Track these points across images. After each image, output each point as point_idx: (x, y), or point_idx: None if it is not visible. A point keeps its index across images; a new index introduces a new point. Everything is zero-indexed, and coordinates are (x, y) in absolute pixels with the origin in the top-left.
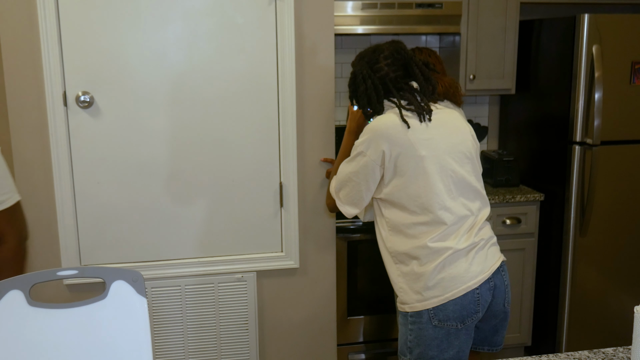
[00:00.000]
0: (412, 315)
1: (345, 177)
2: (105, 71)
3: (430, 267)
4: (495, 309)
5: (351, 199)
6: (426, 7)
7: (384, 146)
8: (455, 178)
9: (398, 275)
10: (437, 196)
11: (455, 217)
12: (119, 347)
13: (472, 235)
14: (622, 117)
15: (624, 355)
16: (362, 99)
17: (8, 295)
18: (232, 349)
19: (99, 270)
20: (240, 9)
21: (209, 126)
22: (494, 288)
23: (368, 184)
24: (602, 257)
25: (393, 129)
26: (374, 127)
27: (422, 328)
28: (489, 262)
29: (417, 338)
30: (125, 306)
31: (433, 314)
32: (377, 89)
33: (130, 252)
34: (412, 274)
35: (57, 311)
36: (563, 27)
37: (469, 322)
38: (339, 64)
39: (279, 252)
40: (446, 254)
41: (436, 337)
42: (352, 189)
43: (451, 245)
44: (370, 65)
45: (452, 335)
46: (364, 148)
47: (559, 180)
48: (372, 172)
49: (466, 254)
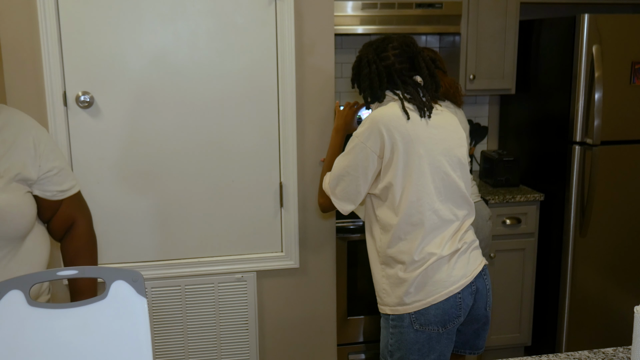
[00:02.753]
0: (393, 319)
1: (342, 171)
2: (105, 71)
3: (413, 275)
4: (476, 312)
5: (348, 194)
6: (426, 7)
7: (385, 136)
8: (447, 181)
9: (382, 276)
10: (427, 196)
11: (441, 221)
12: (119, 347)
13: (456, 240)
14: (622, 117)
15: (624, 355)
16: (364, 82)
17: (8, 295)
18: (232, 349)
19: (99, 270)
20: (240, 9)
21: (209, 126)
22: (476, 292)
23: (366, 176)
24: (602, 257)
25: (395, 120)
26: (375, 116)
27: (403, 332)
28: (471, 266)
29: (398, 342)
30: (125, 306)
31: (415, 318)
32: (381, 76)
33: (130, 252)
34: (396, 278)
35: (57, 311)
36: (563, 27)
37: (451, 327)
38: (339, 64)
39: (279, 252)
40: (430, 260)
41: (417, 342)
42: (350, 184)
43: (435, 251)
44: (377, 52)
45: (433, 339)
46: (363, 138)
47: (559, 180)
48: (371, 164)
49: (449, 259)
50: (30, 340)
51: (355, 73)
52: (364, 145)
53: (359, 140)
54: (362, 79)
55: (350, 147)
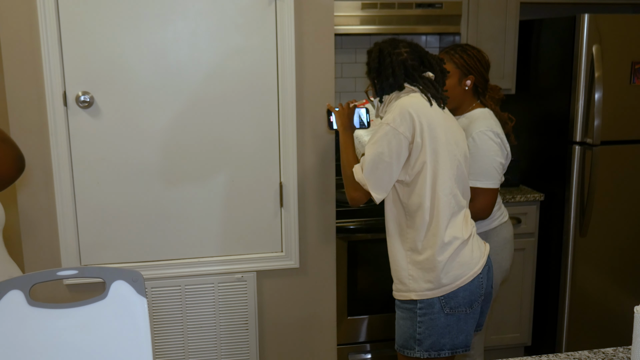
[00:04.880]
0: (421, 307)
1: (376, 158)
2: (105, 71)
3: (444, 257)
4: (486, 290)
5: (382, 182)
6: (426, 7)
7: (415, 121)
8: (460, 170)
9: (408, 262)
10: (450, 180)
11: (458, 206)
12: (119, 347)
13: (468, 224)
14: (622, 117)
15: (624, 355)
16: (386, 70)
17: (8, 295)
18: (232, 349)
19: (99, 270)
20: (240, 9)
21: (209, 126)
22: (488, 270)
23: (399, 162)
24: (602, 257)
25: (422, 107)
26: (404, 103)
27: (434, 318)
28: (482, 247)
29: (429, 329)
30: (125, 306)
31: (445, 303)
32: (402, 66)
33: (130, 252)
34: (426, 263)
35: (57, 311)
36: (563, 27)
37: (476, 306)
38: (339, 64)
39: (279, 252)
40: (455, 243)
41: (448, 325)
42: (384, 171)
43: (458, 234)
44: (392, 47)
45: (461, 320)
46: (396, 124)
47: (559, 180)
48: (403, 149)
49: (468, 241)
50: (30, 340)
51: (377, 62)
52: (397, 131)
53: (391, 126)
54: (385, 67)
55: (381, 134)
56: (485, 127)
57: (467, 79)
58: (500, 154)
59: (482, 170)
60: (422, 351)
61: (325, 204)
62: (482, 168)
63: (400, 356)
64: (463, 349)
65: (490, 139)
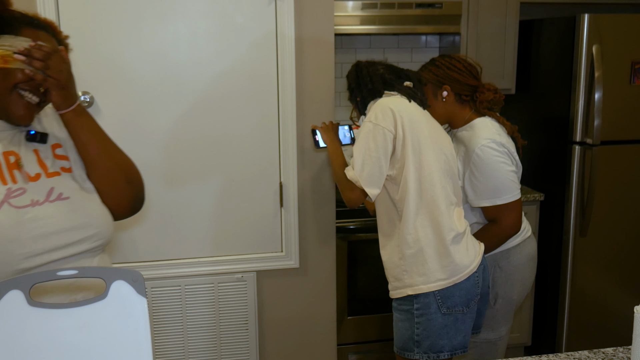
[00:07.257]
0: (417, 308)
1: (364, 155)
2: (105, 71)
3: (434, 249)
4: (483, 290)
5: (373, 178)
6: (426, 7)
7: (396, 114)
8: (447, 165)
9: (400, 258)
10: (436, 172)
11: (448, 199)
12: (119, 347)
13: (461, 219)
14: (622, 117)
15: (624, 355)
16: (364, 79)
17: (8, 295)
18: (232, 348)
19: (99, 270)
20: (240, 9)
21: (209, 126)
22: (483, 270)
23: (387, 156)
24: (602, 257)
25: (401, 104)
26: (382, 101)
27: (431, 318)
28: (476, 245)
29: (427, 329)
30: (125, 306)
31: (441, 302)
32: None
33: (130, 252)
34: (418, 255)
35: (57, 311)
36: (563, 27)
37: (472, 306)
38: (339, 64)
39: (279, 252)
40: (450, 235)
41: (446, 325)
42: (373, 166)
43: (452, 227)
44: (368, 65)
45: (459, 320)
46: (378, 120)
47: (559, 180)
48: (389, 143)
49: (463, 237)
50: (30, 340)
51: (356, 77)
52: (379, 127)
53: (373, 123)
54: (363, 78)
55: (365, 132)
56: (487, 139)
57: (442, 91)
58: (508, 161)
59: (498, 186)
60: (421, 353)
61: (325, 204)
62: (497, 184)
63: (399, 359)
64: (461, 350)
65: (494, 150)
